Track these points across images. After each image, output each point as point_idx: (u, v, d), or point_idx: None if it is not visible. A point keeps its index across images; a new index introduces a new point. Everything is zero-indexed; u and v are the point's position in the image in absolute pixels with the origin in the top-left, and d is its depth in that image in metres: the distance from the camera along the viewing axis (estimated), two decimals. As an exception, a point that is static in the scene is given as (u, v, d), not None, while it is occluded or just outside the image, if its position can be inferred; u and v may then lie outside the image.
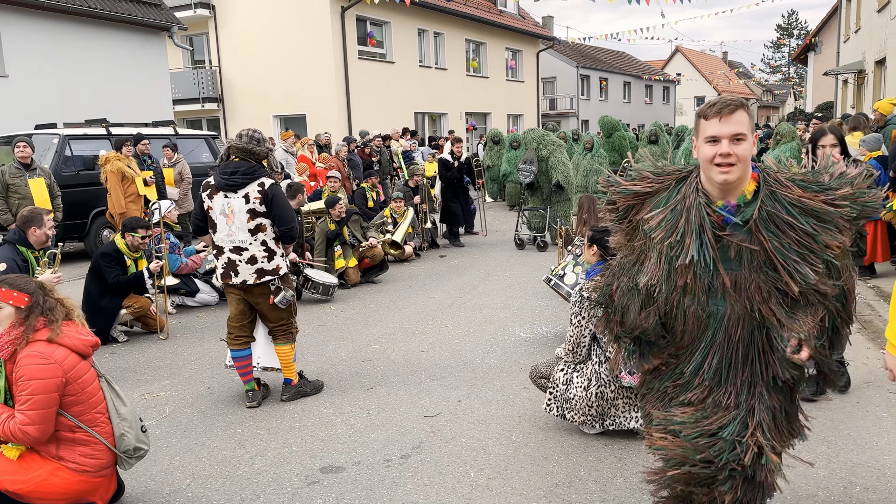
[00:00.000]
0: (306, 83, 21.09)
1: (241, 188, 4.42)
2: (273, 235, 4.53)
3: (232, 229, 4.47)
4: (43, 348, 3.08)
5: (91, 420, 3.21)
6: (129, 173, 9.08)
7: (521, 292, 7.95)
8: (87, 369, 3.24)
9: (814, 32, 31.98)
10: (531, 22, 32.52)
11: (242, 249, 4.49)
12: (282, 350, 4.77)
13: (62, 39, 14.39)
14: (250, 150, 4.45)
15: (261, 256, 4.50)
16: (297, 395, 4.83)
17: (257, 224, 4.46)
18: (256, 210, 4.44)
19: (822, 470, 3.57)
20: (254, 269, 4.50)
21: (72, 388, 3.12)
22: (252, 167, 4.45)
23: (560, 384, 4.03)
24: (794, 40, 70.44)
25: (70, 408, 3.15)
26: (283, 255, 4.65)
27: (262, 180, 4.44)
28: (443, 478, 3.67)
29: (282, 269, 4.61)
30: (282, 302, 4.59)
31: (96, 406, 3.24)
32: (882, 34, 17.43)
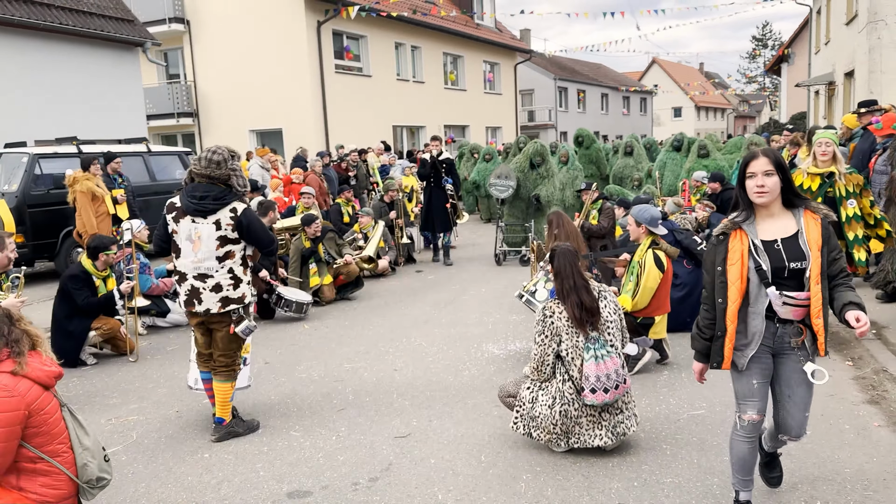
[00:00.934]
0: (282, 97, 21.06)
1: (212, 214, 4.24)
2: (240, 262, 4.37)
3: (199, 255, 4.28)
4: (6, 380, 3.02)
5: (53, 451, 3.15)
6: (98, 192, 9.00)
7: (496, 307, 7.96)
8: (50, 400, 3.18)
9: (787, 44, 32.50)
10: (508, 35, 32.76)
11: (207, 276, 4.30)
12: (221, 387, 4.50)
13: (33, 56, 14.26)
14: (210, 175, 4.25)
15: (226, 284, 4.32)
16: (228, 434, 4.52)
17: (227, 251, 4.30)
18: (227, 237, 4.28)
19: (784, 485, 3.60)
20: (218, 298, 4.31)
21: (34, 420, 3.07)
22: (222, 192, 4.27)
23: (526, 402, 4.04)
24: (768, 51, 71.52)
25: (31, 439, 3.09)
26: (249, 283, 4.46)
27: (234, 206, 4.28)
28: (410, 500, 3.66)
29: (247, 297, 4.42)
30: (244, 332, 4.40)
31: (58, 437, 3.18)
32: (850, 46, 17.77)
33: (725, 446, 4.06)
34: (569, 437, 3.98)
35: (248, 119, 22.01)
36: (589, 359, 3.86)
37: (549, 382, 4.01)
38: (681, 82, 60.09)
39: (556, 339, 3.93)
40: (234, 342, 4.47)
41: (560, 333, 3.92)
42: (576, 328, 3.90)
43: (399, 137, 25.34)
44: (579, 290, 3.93)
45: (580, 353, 3.90)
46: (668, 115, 60.65)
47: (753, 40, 74.47)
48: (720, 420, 4.47)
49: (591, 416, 3.94)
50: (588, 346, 3.89)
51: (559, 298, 3.97)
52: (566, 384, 3.94)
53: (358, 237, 9.94)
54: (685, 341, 6.24)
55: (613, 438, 3.96)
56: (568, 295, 3.93)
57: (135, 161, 11.69)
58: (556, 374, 3.99)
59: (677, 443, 4.17)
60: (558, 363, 3.99)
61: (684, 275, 6.53)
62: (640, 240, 5.73)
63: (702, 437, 4.23)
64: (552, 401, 3.95)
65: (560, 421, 3.92)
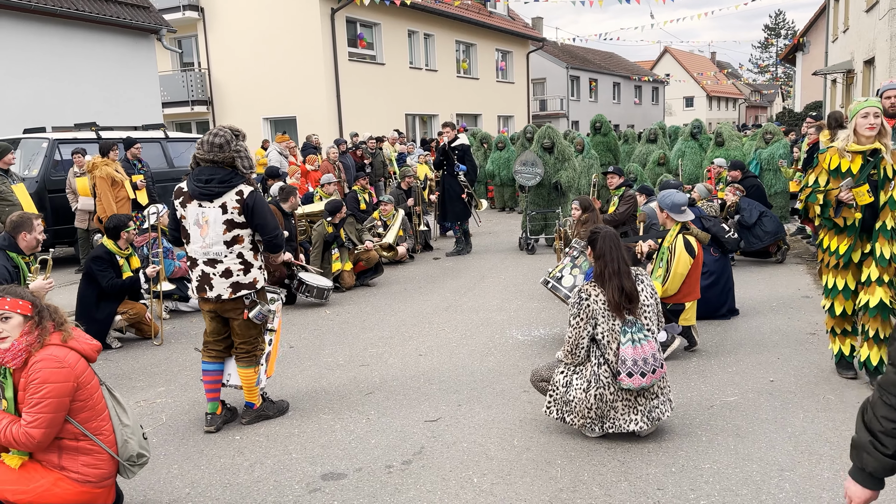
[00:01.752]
0: (296, 85, 21.01)
1: (218, 197, 4.11)
2: (251, 247, 4.23)
3: (206, 241, 4.17)
4: (57, 352, 3.03)
5: (95, 428, 3.16)
6: (118, 178, 8.99)
7: (517, 294, 7.93)
8: (93, 376, 3.20)
9: (801, 32, 32.17)
10: (521, 23, 32.55)
11: (217, 262, 4.18)
12: (245, 373, 4.43)
13: (50, 43, 14.26)
14: (213, 159, 4.10)
15: (236, 269, 4.20)
16: (258, 418, 4.52)
17: (234, 235, 4.16)
18: (234, 220, 4.14)
19: (826, 471, 3.56)
20: (229, 283, 4.20)
21: (81, 393, 3.08)
22: (228, 174, 4.13)
23: (560, 387, 4.01)
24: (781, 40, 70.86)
25: (77, 414, 3.09)
26: (260, 268, 4.33)
27: (240, 188, 4.14)
28: (446, 484, 3.64)
29: (259, 282, 4.30)
30: (257, 317, 4.28)
31: (101, 413, 3.19)
32: (871, 34, 17.54)
33: (763, 433, 4.04)
34: (603, 421, 3.94)
35: (262, 107, 21.98)
36: (626, 342, 3.82)
37: (584, 366, 3.97)
38: (693, 72, 59.64)
39: (591, 322, 3.88)
40: (253, 328, 4.38)
41: (596, 317, 3.87)
42: (613, 313, 3.86)
43: (411, 125, 25.26)
44: (622, 275, 3.88)
45: (616, 337, 3.86)
46: (679, 104, 60.23)
47: (766, 29, 73.90)
48: (754, 407, 4.43)
49: (626, 401, 3.90)
50: (625, 329, 3.85)
51: (598, 281, 3.93)
52: (601, 368, 3.90)
53: (377, 224, 9.90)
54: (713, 328, 6.21)
55: (649, 423, 3.93)
56: (610, 279, 3.88)
57: (153, 147, 11.68)
58: (591, 358, 3.95)
59: (712, 429, 4.13)
60: (593, 347, 3.95)
61: (711, 263, 6.47)
62: (668, 226, 5.67)
63: (737, 424, 4.18)
64: (587, 384, 3.91)
65: (595, 405, 3.89)
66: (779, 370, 5.09)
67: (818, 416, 4.25)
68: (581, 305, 3.91)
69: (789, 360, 5.28)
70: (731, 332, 6.10)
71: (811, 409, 4.35)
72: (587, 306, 3.89)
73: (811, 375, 4.94)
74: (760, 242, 8.62)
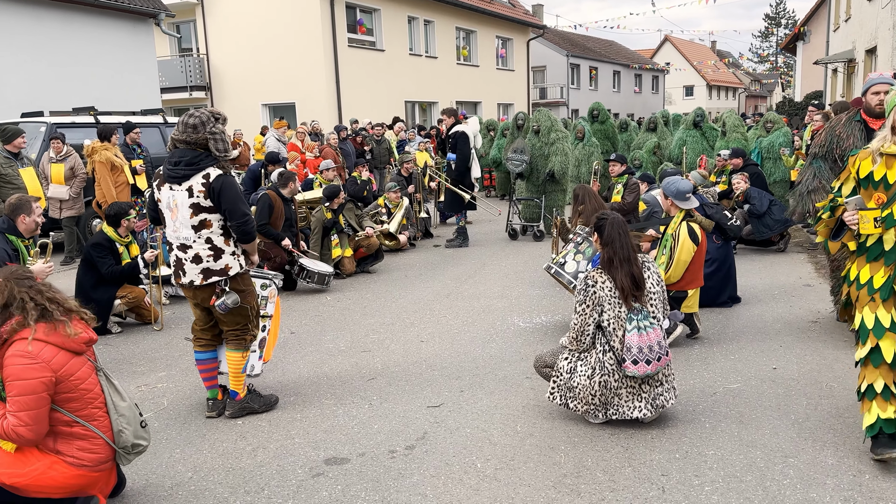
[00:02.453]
0: (295, 71, 20.89)
1: (185, 180, 3.96)
2: (220, 232, 4.07)
3: (176, 224, 4.05)
4: (28, 347, 2.98)
5: (89, 415, 3.13)
6: (117, 162, 8.94)
7: (517, 282, 7.91)
8: (82, 365, 3.15)
9: (803, 21, 32.02)
10: (521, 10, 32.39)
11: (187, 247, 4.06)
12: (231, 357, 4.31)
13: (48, 27, 14.14)
14: (186, 140, 3.98)
15: (206, 255, 4.05)
16: (242, 410, 4.36)
17: (201, 220, 4.00)
18: (200, 205, 3.97)
19: (830, 458, 3.56)
20: (199, 269, 4.06)
21: (64, 385, 3.04)
22: (197, 156, 3.97)
23: (564, 373, 3.99)
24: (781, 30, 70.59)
25: (65, 404, 3.07)
26: (234, 254, 4.15)
27: (207, 171, 3.96)
28: (449, 469, 3.63)
29: (232, 268, 4.12)
30: (220, 306, 4.09)
31: (94, 401, 3.16)
32: (873, 23, 17.46)
33: (766, 420, 4.04)
34: (607, 408, 3.93)
35: (260, 93, 21.87)
36: (632, 329, 3.80)
37: (589, 353, 3.95)
38: (693, 60, 59.45)
39: (597, 308, 3.86)
40: (237, 314, 4.21)
41: (602, 303, 3.85)
42: (620, 300, 3.84)
43: (411, 112, 25.16)
44: (631, 262, 3.86)
45: (622, 324, 3.84)
46: (679, 93, 60.08)
47: (766, 18, 73.59)
48: (757, 394, 4.42)
49: (630, 388, 3.89)
50: (631, 316, 3.83)
51: (606, 268, 3.90)
52: (606, 355, 3.88)
53: (381, 211, 9.86)
54: (715, 316, 6.20)
55: (652, 410, 3.92)
56: (620, 266, 3.86)
57: (152, 132, 11.62)
58: (596, 345, 3.94)
59: (716, 416, 4.13)
60: (598, 333, 3.94)
61: (713, 250, 6.44)
62: (672, 213, 5.65)
63: (740, 411, 4.18)
64: (591, 371, 3.89)
65: (599, 392, 3.87)
66: (781, 357, 5.08)
67: (821, 402, 4.25)
68: (588, 292, 3.88)
69: (791, 348, 5.28)
70: (733, 320, 6.10)
71: (814, 397, 4.35)
72: (594, 293, 3.87)
73: (813, 363, 4.94)
74: (770, 231, 8.63)
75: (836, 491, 3.26)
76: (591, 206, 7.24)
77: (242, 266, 4.20)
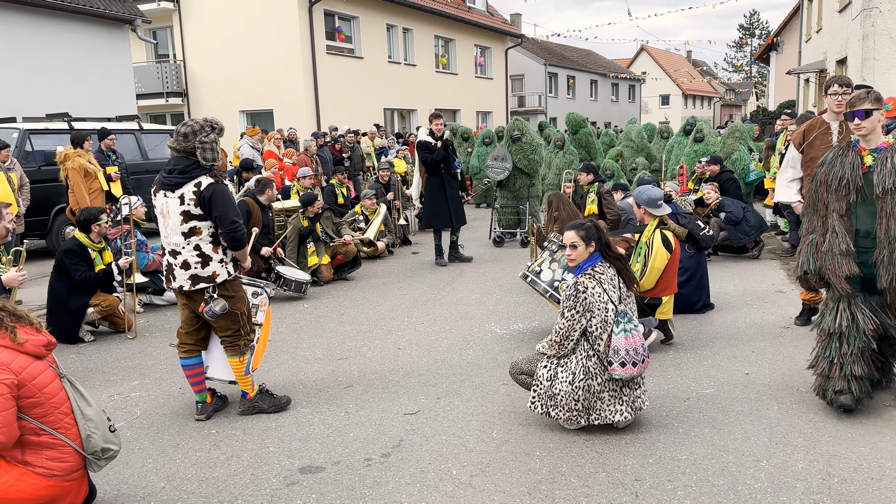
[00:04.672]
0: (273, 78, 20.82)
1: (178, 188, 4.10)
2: (210, 240, 4.18)
3: (167, 230, 4.19)
4: None
5: (54, 421, 3.09)
6: (90, 169, 8.85)
7: (495, 288, 7.94)
8: (43, 369, 3.10)
9: (776, 32, 32.57)
10: (500, 19, 32.57)
11: (177, 253, 4.18)
12: (231, 362, 4.42)
13: (22, 31, 13.97)
14: (177, 148, 4.12)
15: (194, 262, 4.15)
16: (251, 409, 4.47)
17: (191, 227, 4.12)
18: (191, 212, 4.09)
19: (801, 462, 3.61)
20: (188, 275, 4.17)
21: (27, 390, 3.00)
22: (189, 165, 4.11)
23: (544, 381, 4.01)
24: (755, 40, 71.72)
25: (29, 410, 3.02)
26: (222, 262, 4.23)
27: (199, 180, 4.08)
28: (425, 476, 3.63)
29: (219, 276, 4.21)
30: (207, 313, 4.18)
31: (59, 406, 3.11)
32: (843, 34, 17.81)
33: (738, 425, 4.09)
34: (590, 412, 3.95)
35: (238, 99, 21.76)
36: (619, 332, 3.85)
37: (569, 359, 3.98)
38: (669, 70, 60.16)
39: (586, 315, 3.90)
40: (227, 319, 4.29)
41: (592, 309, 3.89)
42: (629, 289, 4.05)
43: (390, 120, 25.17)
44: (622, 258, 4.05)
45: (608, 328, 3.89)
46: (655, 102, 60.76)
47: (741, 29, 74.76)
48: (729, 399, 4.47)
49: (612, 391, 3.92)
50: (618, 319, 3.88)
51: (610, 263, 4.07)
52: (591, 360, 3.92)
53: (358, 218, 9.85)
54: (689, 322, 6.27)
55: (632, 413, 3.96)
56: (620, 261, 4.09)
57: (127, 139, 11.52)
58: (578, 350, 3.96)
59: (689, 421, 4.17)
60: (581, 339, 3.97)
61: (685, 259, 6.50)
62: (645, 221, 5.71)
63: (713, 416, 4.23)
64: (572, 377, 3.92)
65: (582, 396, 3.90)
66: (753, 363, 5.15)
67: (792, 407, 4.31)
68: (578, 298, 3.90)
69: (764, 353, 5.35)
70: (706, 326, 6.17)
71: (785, 401, 4.41)
72: (584, 299, 3.89)
73: (785, 368, 5.01)
74: (748, 237, 8.79)
75: (806, 494, 3.31)
76: (566, 212, 7.31)
77: (231, 273, 4.28)
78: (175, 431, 4.30)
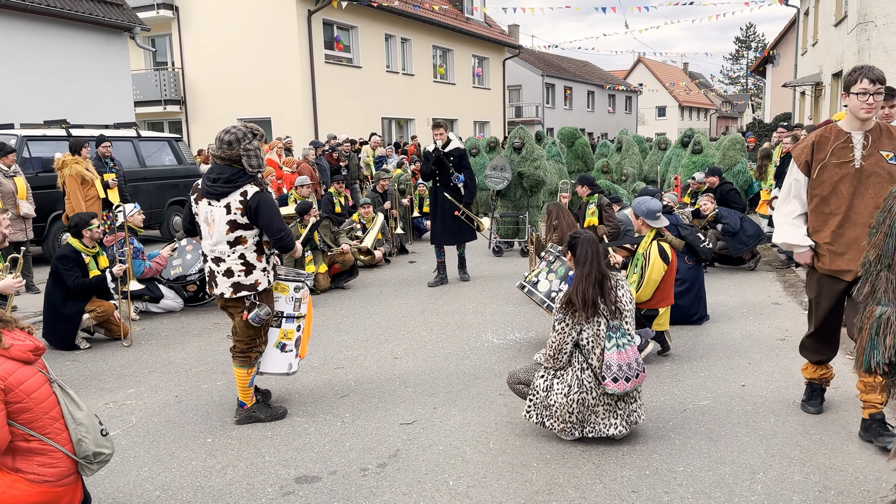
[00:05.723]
0: (272, 86, 20.86)
1: (224, 197, 4.12)
2: (254, 248, 4.24)
3: (213, 238, 4.22)
4: None
5: (44, 426, 3.06)
6: (88, 176, 8.83)
7: (492, 298, 7.94)
8: (32, 374, 3.08)
9: (772, 45, 32.78)
10: (497, 30, 32.72)
11: (221, 260, 4.23)
12: (238, 373, 4.45)
13: (20, 38, 13.98)
14: (221, 156, 4.14)
15: (237, 270, 4.22)
16: (248, 419, 4.49)
17: (237, 236, 4.18)
18: (237, 221, 4.14)
19: (797, 474, 3.61)
20: (230, 283, 4.23)
21: (14, 395, 2.98)
22: (235, 174, 4.12)
23: (540, 391, 4.01)
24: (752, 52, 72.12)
25: (18, 416, 3.00)
26: (264, 270, 4.31)
27: (244, 189, 4.11)
28: (421, 486, 3.62)
29: (261, 284, 4.29)
30: (253, 319, 4.28)
31: (48, 412, 3.09)
32: (839, 48, 17.94)
33: (734, 437, 4.09)
34: (584, 425, 3.95)
35: (236, 107, 21.77)
36: (611, 347, 3.84)
37: (565, 371, 3.98)
38: (665, 82, 60.44)
39: (576, 327, 3.90)
40: (251, 329, 4.37)
41: (582, 322, 3.89)
42: (582, 314, 3.89)
43: (388, 129, 25.22)
44: (590, 281, 3.91)
45: (601, 342, 3.88)
46: (652, 113, 61.02)
47: (737, 42, 75.17)
48: (726, 411, 4.48)
49: (607, 405, 3.92)
50: (610, 334, 3.87)
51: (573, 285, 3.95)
52: (585, 372, 3.91)
53: (356, 227, 9.86)
54: (686, 333, 6.27)
55: (627, 427, 3.95)
56: (578, 283, 3.91)
57: (124, 146, 11.51)
58: (573, 363, 3.96)
59: (685, 433, 4.17)
60: (575, 352, 3.97)
61: (684, 270, 6.52)
62: (643, 232, 5.72)
63: (710, 428, 4.23)
64: (568, 389, 3.92)
65: (577, 409, 3.90)
66: (750, 375, 5.16)
67: (788, 419, 4.31)
68: (567, 310, 3.92)
69: (760, 365, 5.36)
70: (703, 338, 6.17)
71: (781, 413, 4.41)
72: (573, 311, 3.90)
73: (781, 380, 5.01)
74: (746, 247, 8.80)
75: (803, 507, 3.31)
76: (565, 223, 7.32)
77: (270, 283, 4.38)
78: (171, 440, 4.29)
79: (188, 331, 6.90)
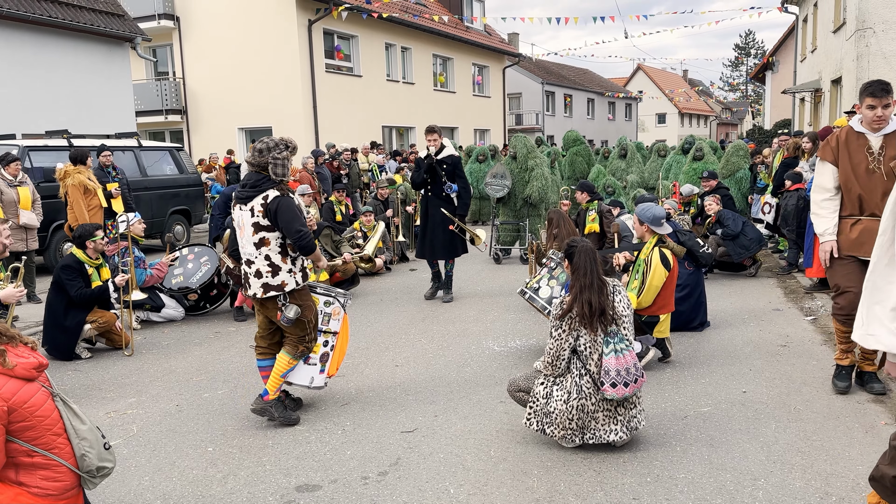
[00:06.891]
0: (272, 96, 20.92)
1: (249, 201, 4.38)
2: (279, 250, 4.42)
3: (243, 241, 4.47)
4: None
5: (48, 442, 3.06)
6: (90, 186, 8.86)
7: (493, 306, 7.94)
8: (35, 392, 3.07)
9: (771, 52, 32.84)
10: (497, 38, 32.82)
11: (251, 262, 4.45)
12: (281, 358, 4.57)
13: (22, 49, 14.04)
14: (253, 163, 4.40)
15: (265, 271, 4.40)
16: (262, 411, 4.56)
17: (261, 238, 4.39)
18: (260, 224, 4.36)
19: (798, 481, 3.61)
20: (260, 284, 4.43)
21: (17, 414, 2.97)
22: (260, 179, 4.38)
23: (540, 398, 4.01)
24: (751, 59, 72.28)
25: (21, 434, 2.99)
26: (290, 272, 4.45)
27: (266, 193, 4.35)
28: (422, 494, 3.62)
29: (287, 285, 4.43)
30: (283, 320, 4.43)
31: (52, 427, 3.08)
32: (838, 54, 17.98)
33: (736, 443, 4.08)
34: (584, 432, 3.95)
35: (237, 117, 21.84)
36: (609, 353, 3.85)
37: (564, 377, 3.98)
38: (665, 89, 60.56)
39: (573, 334, 3.90)
40: (296, 326, 4.52)
41: (579, 328, 3.90)
42: (581, 325, 3.89)
43: (388, 138, 25.28)
44: (592, 289, 3.91)
45: (598, 348, 3.89)
46: (652, 121, 61.09)
47: (737, 48, 75.33)
48: (727, 418, 4.47)
49: (607, 411, 3.92)
50: (608, 340, 3.88)
51: (571, 294, 3.96)
52: (584, 378, 3.92)
53: (357, 235, 9.87)
54: (686, 340, 6.27)
55: (627, 433, 3.95)
56: (581, 292, 3.91)
57: (126, 156, 11.55)
58: (572, 369, 3.97)
59: (687, 440, 4.17)
60: (574, 358, 3.97)
61: (685, 276, 6.53)
62: (645, 238, 5.73)
63: (711, 435, 4.22)
64: (567, 395, 3.92)
65: (576, 416, 3.90)
66: (751, 381, 5.15)
67: (789, 426, 4.31)
68: (564, 317, 3.92)
69: (761, 372, 5.35)
70: (703, 344, 6.17)
71: (782, 420, 4.41)
72: (569, 317, 3.91)
73: (782, 386, 5.01)
74: (747, 252, 8.76)
75: (804, 513, 3.30)
76: (566, 230, 7.32)
77: (299, 283, 4.50)
78: (172, 449, 4.29)
79: (189, 340, 6.91)
